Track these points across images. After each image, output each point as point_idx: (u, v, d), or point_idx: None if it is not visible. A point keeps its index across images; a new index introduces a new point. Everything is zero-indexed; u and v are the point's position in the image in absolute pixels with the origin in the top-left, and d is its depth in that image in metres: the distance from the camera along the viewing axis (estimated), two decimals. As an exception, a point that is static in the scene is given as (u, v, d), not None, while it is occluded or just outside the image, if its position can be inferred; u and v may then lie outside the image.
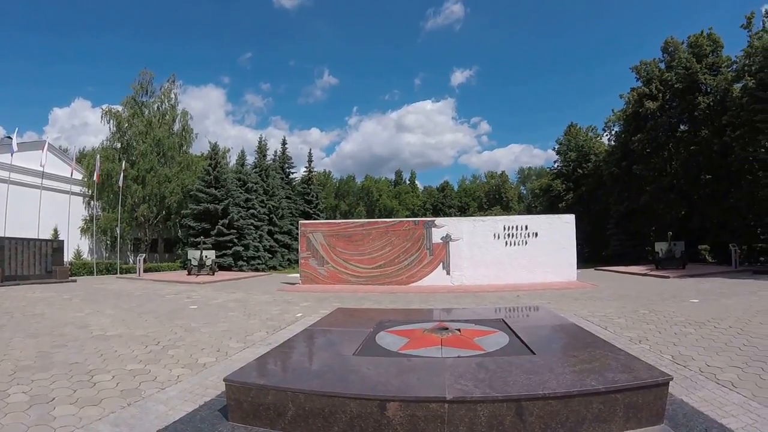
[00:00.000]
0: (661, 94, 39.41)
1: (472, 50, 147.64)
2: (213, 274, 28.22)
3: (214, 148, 41.70)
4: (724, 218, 33.31)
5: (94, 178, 34.72)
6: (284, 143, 56.13)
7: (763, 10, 32.50)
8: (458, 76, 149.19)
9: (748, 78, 30.93)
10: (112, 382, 6.77)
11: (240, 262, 37.64)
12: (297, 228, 25.09)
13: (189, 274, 28.25)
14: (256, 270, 38.25)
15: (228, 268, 35.39)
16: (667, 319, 11.38)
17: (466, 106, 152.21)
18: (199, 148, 53.90)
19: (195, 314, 13.20)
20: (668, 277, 23.19)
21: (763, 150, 28.39)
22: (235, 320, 12.13)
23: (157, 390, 6.48)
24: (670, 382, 5.07)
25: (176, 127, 44.60)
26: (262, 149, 49.97)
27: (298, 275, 24.53)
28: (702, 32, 38.01)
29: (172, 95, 44.60)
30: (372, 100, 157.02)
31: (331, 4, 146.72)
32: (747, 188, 30.75)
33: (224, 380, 5.11)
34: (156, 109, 43.49)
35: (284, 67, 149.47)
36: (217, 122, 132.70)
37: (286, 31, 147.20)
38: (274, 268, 42.29)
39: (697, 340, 9.02)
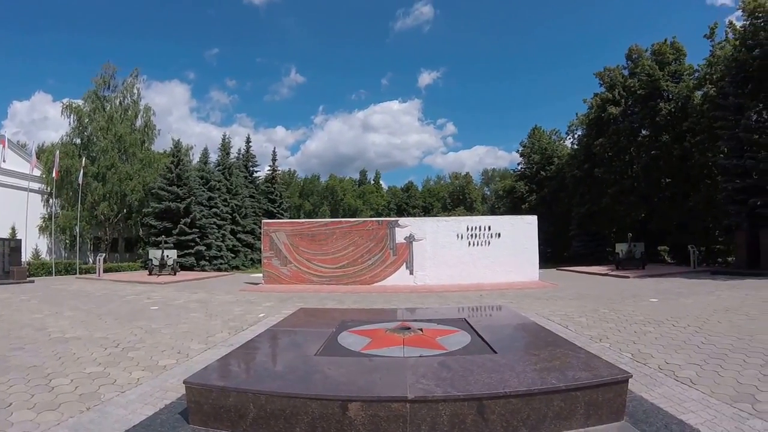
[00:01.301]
0: (623, 100, 40.23)
1: (440, 52, 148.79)
2: (174, 275, 27.76)
3: (177, 145, 40.85)
4: (683, 220, 34.18)
5: (53, 174, 33.87)
6: (248, 141, 55.64)
7: (727, 21, 33.34)
8: (425, 77, 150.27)
9: (710, 86, 31.84)
10: (70, 386, 6.61)
11: (202, 262, 37.09)
12: (260, 227, 24.83)
13: (150, 274, 27.74)
14: (219, 270, 37.71)
15: (190, 268, 34.86)
16: (627, 318, 11.60)
17: (433, 107, 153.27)
18: (161, 144, 53.01)
19: (156, 315, 13.00)
20: (628, 277, 23.59)
21: (721, 155, 29.21)
22: (196, 321, 11.97)
23: (116, 393, 6.35)
24: (630, 379, 5.17)
25: (138, 122, 43.64)
26: (225, 147, 49.35)
27: (260, 275, 24.28)
28: (665, 41, 39.00)
29: (135, 90, 43.60)
30: (339, 99, 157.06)
31: (300, 2, 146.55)
32: (705, 192, 31.73)
33: (184, 382, 5.01)
34: (118, 104, 42.43)
35: (251, 63, 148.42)
36: (181, 118, 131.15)
37: (254, 28, 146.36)
38: (237, 267, 41.79)
39: (656, 339, 9.20)
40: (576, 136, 51.75)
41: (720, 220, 30.13)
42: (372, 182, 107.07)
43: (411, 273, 22.62)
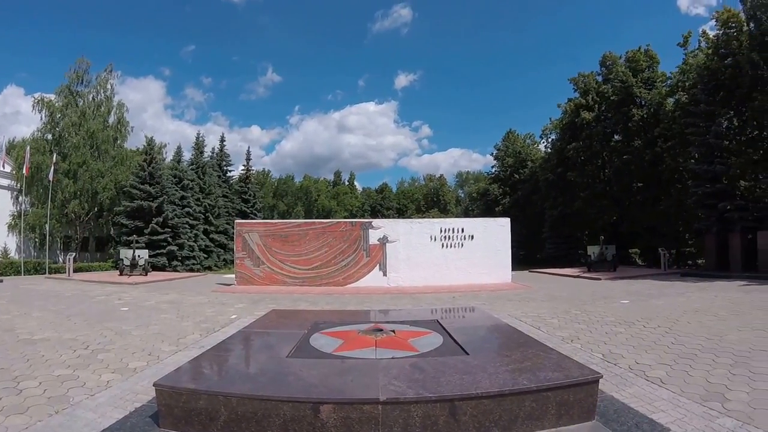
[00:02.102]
0: (597, 106, 40.94)
1: (418, 54, 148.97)
2: (146, 275, 27.39)
3: (150, 142, 40.49)
4: (654, 224, 34.76)
5: (24, 171, 33.17)
6: (222, 140, 55.13)
7: (700, 30, 34.24)
8: (402, 80, 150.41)
9: (682, 93, 32.55)
10: (39, 389, 6.47)
11: (174, 262, 36.70)
12: (233, 227, 24.61)
13: (121, 274, 27.30)
14: (191, 270, 37.33)
15: (162, 269, 34.42)
16: (598, 319, 11.73)
17: (409, 109, 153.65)
18: (134, 142, 52.24)
19: (126, 316, 12.77)
20: (600, 279, 23.86)
21: (692, 161, 29.85)
22: (167, 322, 11.81)
23: (86, 396, 6.23)
24: (601, 379, 5.23)
25: (111, 119, 42.74)
26: (199, 145, 48.96)
27: (233, 276, 24.07)
28: (639, 48, 39.95)
29: (109, 86, 42.62)
30: (315, 99, 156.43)
31: (279, 0, 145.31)
32: (676, 196, 32.37)
33: (154, 385, 4.93)
34: (91, 99, 41.55)
35: (227, 61, 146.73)
36: (156, 116, 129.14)
37: (231, 25, 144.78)
38: (209, 268, 41.47)
39: (627, 339, 9.31)
40: (550, 140, 52.56)
41: (690, 224, 30.78)
42: (346, 183, 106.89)
43: (384, 275, 22.60)
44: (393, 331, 7.21)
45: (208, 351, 6.71)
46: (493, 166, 62.69)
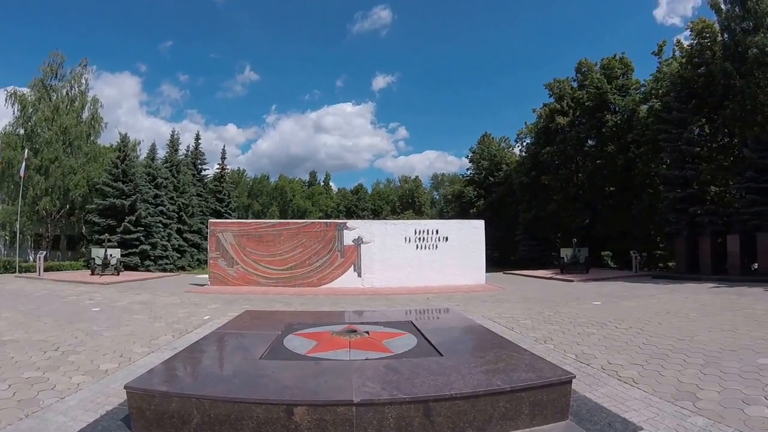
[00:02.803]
0: (571, 111, 41.50)
1: (396, 56, 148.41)
2: (118, 275, 26.90)
3: (124, 139, 39.77)
4: (626, 227, 35.30)
5: (-6, 166, 32.51)
6: (198, 138, 54.02)
7: (675, 40, 35.04)
8: (380, 81, 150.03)
9: (655, 100, 33.26)
10: (8, 392, 6.36)
11: (147, 262, 36.09)
12: (207, 227, 24.40)
13: (93, 274, 26.81)
14: (164, 270, 36.73)
15: (134, 268, 33.83)
16: (571, 320, 11.86)
17: (386, 110, 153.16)
18: (108, 138, 50.61)
19: (98, 317, 12.56)
20: (572, 281, 24.08)
21: (664, 166, 30.50)
22: (139, 323, 11.64)
23: (56, 399, 6.12)
24: (574, 380, 5.30)
25: (85, 114, 41.69)
26: (174, 143, 48.08)
27: (207, 276, 23.87)
28: (615, 56, 40.55)
29: (83, 80, 41.57)
30: (292, 98, 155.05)
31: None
32: (648, 200, 32.98)
33: (125, 387, 4.86)
34: (65, 94, 40.53)
35: (205, 59, 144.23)
36: (130, 112, 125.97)
37: (209, 22, 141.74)
38: (182, 268, 40.90)
39: (599, 340, 9.43)
40: (524, 144, 53.27)
41: (661, 227, 31.30)
42: (322, 184, 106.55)
43: (359, 275, 22.58)
44: (367, 333, 7.22)
45: (181, 352, 6.65)
46: (468, 169, 63.09)
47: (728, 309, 13.13)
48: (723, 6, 26.92)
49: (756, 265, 23.60)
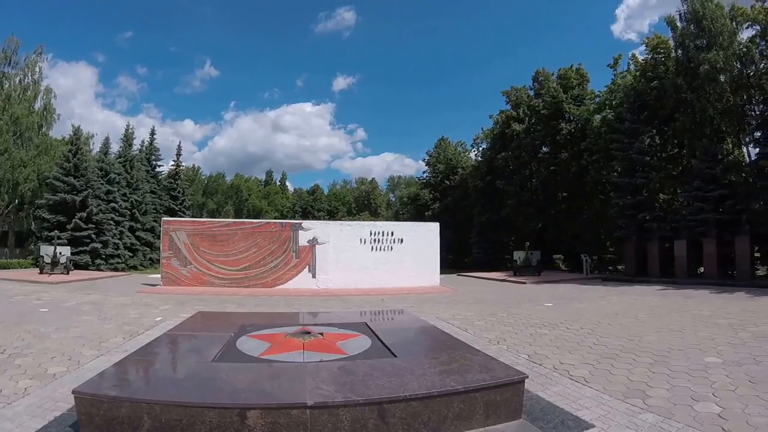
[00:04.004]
0: (527, 118, 42.09)
1: (358, 58, 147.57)
2: (67, 274, 26.20)
3: (77, 132, 38.37)
4: (578, 231, 36.08)
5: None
6: (153, 133, 52.65)
7: (630, 54, 36.21)
8: (340, 82, 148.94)
9: (608, 111, 34.34)
10: (-50, 397, 6.11)
11: (98, 261, 35.06)
12: (161, 225, 23.96)
13: (41, 272, 25.99)
14: (115, 270, 35.80)
15: (84, 267, 32.83)
16: (524, 321, 12.05)
17: (345, 112, 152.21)
18: (60, 131, 48.62)
19: (46, 318, 12.19)
20: (525, 283, 24.51)
21: (615, 174, 31.39)
22: (89, 325, 11.34)
23: (2, 405, 5.91)
24: (527, 379, 5.41)
25: (38, 105, 40.22)
26: (128, 138, 46.62)
27: (159, 276, 23.45)
28: (571, 66, 41.48)
29: (37, 69, 40.02)
30: (251, 96, 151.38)
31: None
32: (599, 206, 33.98)
33: (73, 392, 4.72)
34: (17, 82, 38.89)
35: (164, 51, 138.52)
36: (85, 104, 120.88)
37: (171, 14, 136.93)
38: (134, 267, 39.88)
39: (551, 340, 9.61)
40: (480, 149, 54.14)
41: (611, 232, 32.08)
42: (278, 183, 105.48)
43: (314, 276, 22.51)
44: (321, 334, 7.20)
45: (131, 355, 6.49)
46: (424, 172, 63.36)
47: (675, 310, 13.53)
48: (679, 23, 28.08)
49: (702, 269, 24.50)
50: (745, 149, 28.61)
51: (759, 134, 25.13)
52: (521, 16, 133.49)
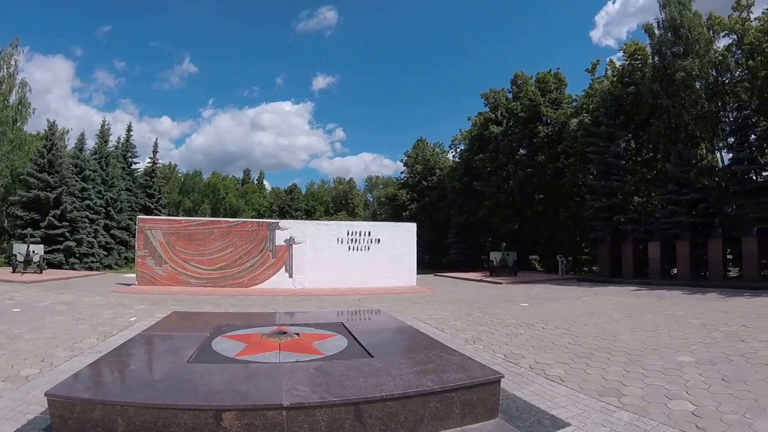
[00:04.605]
0: (505, 121, 42.60)
1: (339, 58, 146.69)
2: (41, 273, 25.78)
3: (52, 127, 37.57)
4: (553, 233, 36.59)
5: None
6: (129, 129, 51.61)
7: (608, 60, 36.88)
8: (320, 81, 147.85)
9: (585, 115, 34.57)
10: None
11: (72, 260, 34.56)
12: (136, 223, 23.66)
13: (14, 271, 25.56)
14: (90, 269, 35.24)
15: (58, 266, 32.31)
16: (500, 321, 12.12)
17: (324, 111, 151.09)
18: (35, 125, 47.89)
19: (18, 318, 11.97)
20: (501, 284, 24.65)
21: (590, 177, 31.86)
22: (62, 325, 11.15)
23: (-28, 409, 5.79)
24: (503, 379, 5.46)
25: (12, 98, 39.15)
26: (104, 134, 45.92)
27: (134, 275, 23.15)
28: (550, 70, 42.12)
29: (13, 62, 39.01)
30: (230, 93, 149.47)
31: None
32: (574, 208, 34.46)
33: (46, 395, 4.63)
34: None
35: (143, 46, 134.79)
36: (61, 98, 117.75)
37: (152, 8, 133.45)
38: (109, 267, 39.29)
39: (527, 340, 9.69)
40: (458, 150, 54.22)
41: (586, 234, 32.51)
42: (255, 182, 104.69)
43: (290, 276, 22.42)
44: (297, 334, 7.17)
45: (105, 356, 6.40)
46: (402, 172, 63.49)
47: (649, 310, 13.70)
48: (657, 31, 28.64)
49: (675, 271, 24.92)
50: (718, 154, 29.35)
51: (732, 140, 25.67)
52: (502, 20, 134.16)
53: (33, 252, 26.27)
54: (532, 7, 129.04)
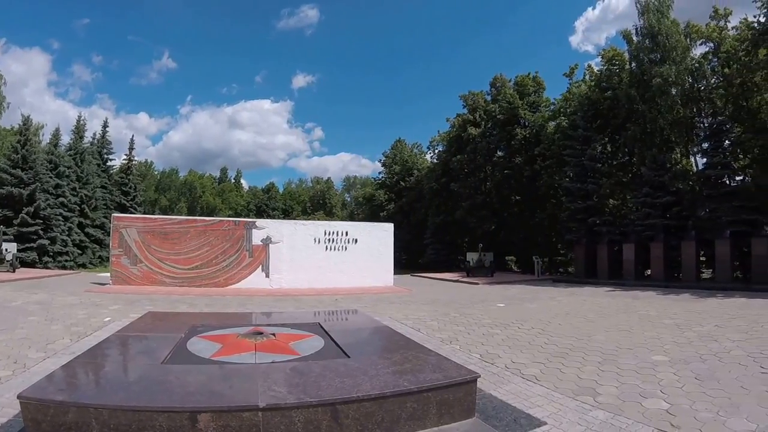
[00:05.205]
0: (483, 123, 43.08)
1: (319, 56, 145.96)
2: (13, 272, 25.38)
3: (27, 122, 36.98)
4: (530, 234, 37.03)
5: None
6: (105, 125, 51.21)
7: (586, 64, 37.61)
8: (300, 80, 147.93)
9: (563, 118, 35.22)
10: None
11: (45, 258, 34.08)
12: (111, 222, 23.34)
13: (-15, 271, 25.24)
14: (64, 268, 34.76)
15: (31, 265, 31.83)
16: (476, 321, 12.20)
17: (304, 110, 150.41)
18: (9, 120, 46.36)
19: (-11, 318, 11.82)
20: (478, 284, 24.80)
21: (567, 179, 32.11)
22: (35, 326, 10.97)
23: (-57, 412, 5.66)
24: (479, 378, 5.47)
25: None
26: (79, 129, 45.22)
27: (109, 275, 22.87)
28: (528, 74, 42.66)
29: None
30: (209, 90, 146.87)
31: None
32: (551, 210, 34.89)
33: (18, 397, 4.52)
34: None
35: (122, 40, 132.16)
36: (37, 92, 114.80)
37: (132, 1, 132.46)
38: (83, 266, 38.70)
39: (503, 340, 9.76)
40: (436, 151, 54.64)
41: (562, 235, 32.94)
42: (233, 181, 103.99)
43: (267, 276, 22.33)
44: (273, 335, 7.10)
45: (79, 357, 6.27)
46: (380, 173, 63.69)
47: (624, 311, 13.93)
48: (635, 37, 29.22)
49: (649, 272, 25.34)
50: (692, 159, 29.94)
51: (707, 145, 26.18)
52: (482, 22, 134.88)
53: (6, 250, 25.87)
54: (513, 10, 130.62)
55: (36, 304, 14.49)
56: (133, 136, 59.54)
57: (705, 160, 26.18)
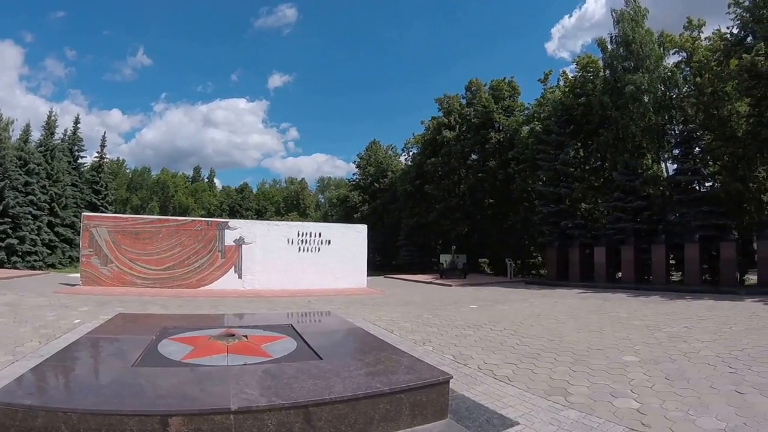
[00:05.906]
0: (458, 126, 43.36)
1: (295, 57, 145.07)
2: (-21, 271, 25.01)
3: None
4: (503, 236, 37.39)
5: None
6: (77, 122, 49.82)
7: (560, 71, 38.02)
8: (276, 80, 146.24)
9: (537, 123, 35.42)
10: None
11: (14, 258, 33.52)
12: (81, 221, 22.95)
13: (-50, 270, 24.68)
14: (32, 268, 34.17)
15: (-1, 264, 31.50)
16: (449, 322, 12.26)
17: (279, 110, 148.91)
18: None
19: (-46, 320, 11.55)
20: (451, 286, 25.00)
21: (540, 183, 32.65)
22: (3, 328, 10.71)
23: None
24: (452, 380, 5.55)
25: None
26: (50, 125, 44.32)
27: (78, 275, 22.52)
28: (504, 78, 43.02)
29: None
30: (183, 88, 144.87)
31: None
32: (524, 213, 35.16)
33: (-15, 402, 4.46)
34: None
35: (96, 35, 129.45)
36: (8, 86, 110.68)
37: None
38: (53, 266, 38.06)
39: (475, 341, 9.82)
40: (411, 153, 55.06)
41: (535, 238, 33.36)
42: (206, 180, 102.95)
43: (240, 277, 22.12)
44: (245, 337, 7.11)
45: (48, 360, 6.18)
46: (354, 174, 63.56)
47: (595, 312, 14.13)
48: (609, 45, 29.67)
49: (620, 274, 25.68)
50: (663, 165, 30.50)
51: (677, 151, 26.71)
52: (460, 27, 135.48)
53: (-28, 250, 25.32)
54: (491, 16, 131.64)
55: (4, 306, 14.16)
56: (105, 133, 59.10)
57: (675, 166, 26.62)
